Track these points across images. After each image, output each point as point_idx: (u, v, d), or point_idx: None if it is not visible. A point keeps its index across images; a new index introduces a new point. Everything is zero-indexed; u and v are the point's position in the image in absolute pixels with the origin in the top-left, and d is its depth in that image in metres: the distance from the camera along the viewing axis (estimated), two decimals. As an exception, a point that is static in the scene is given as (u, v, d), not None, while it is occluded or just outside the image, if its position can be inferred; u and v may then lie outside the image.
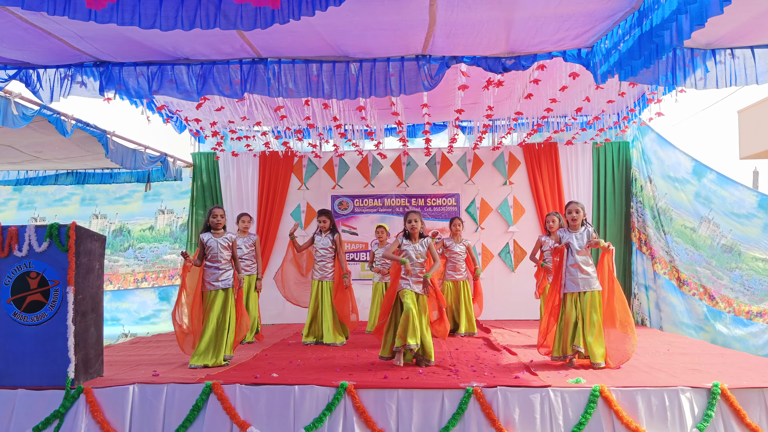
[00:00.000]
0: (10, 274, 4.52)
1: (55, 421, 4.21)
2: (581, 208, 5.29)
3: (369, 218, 9.51)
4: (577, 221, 5.23)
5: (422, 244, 5.40)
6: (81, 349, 4.50)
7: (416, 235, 5.41)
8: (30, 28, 4.54)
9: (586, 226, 5.28)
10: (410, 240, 5.40)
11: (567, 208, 5.33)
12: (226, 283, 5.48)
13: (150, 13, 3.73)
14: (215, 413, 4.18)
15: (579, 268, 5.14)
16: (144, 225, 9.78)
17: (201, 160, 9.64)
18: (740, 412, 4.06)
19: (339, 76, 5.34)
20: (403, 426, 4.14)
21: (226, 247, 5.53)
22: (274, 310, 9.26)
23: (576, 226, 5.25)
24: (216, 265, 5.47)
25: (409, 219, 5.38)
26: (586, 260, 5.18)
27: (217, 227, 5.56)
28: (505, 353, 5.95)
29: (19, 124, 5.58)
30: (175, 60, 5.33)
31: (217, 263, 5.47)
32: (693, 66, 5.03)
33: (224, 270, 5.49)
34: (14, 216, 9.58)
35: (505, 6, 4.29)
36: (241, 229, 7.11)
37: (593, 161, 9.34)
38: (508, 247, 9.44)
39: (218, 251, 5.48)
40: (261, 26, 3.69)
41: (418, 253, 5.36)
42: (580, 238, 5.21)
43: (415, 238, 5.41)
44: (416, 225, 5.38)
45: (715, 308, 7.46)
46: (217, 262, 5.47)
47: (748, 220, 7.09)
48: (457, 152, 9.52)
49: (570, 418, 4.09)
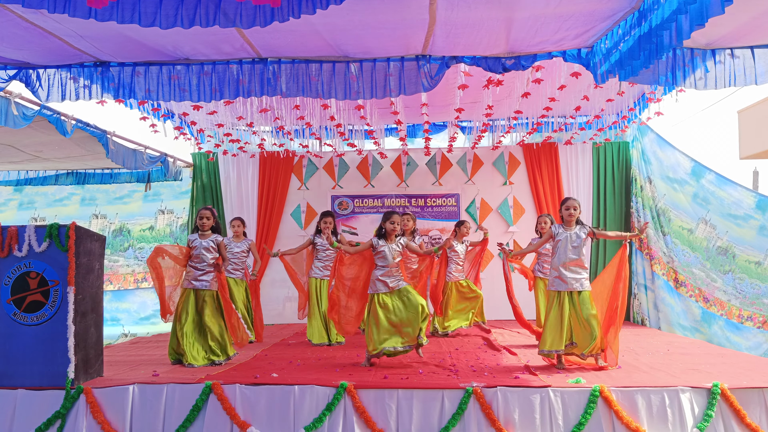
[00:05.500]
0: (10, 274, 4.52)
1: (57, 422, 4.21)
2: (578, 205, 5.23)
3: (369, 218, 9.50)
4: (573, 217, 5.16)
5: (398, 243, 5.36)
6: (81, 349, 4.50)
7: (393, 236, 5.35)
8: (30, 27, 4.54)
9: (581, 225, 5.20)
10: (386, 240, 5.35)
11: (566, 204, 5.23)
12: (203, 284, 5.46)
13: (150, 12, 3.73)
14: (215, 413, 4.18)
15: (569, 268, 5.06)
16: (144, 225, 9.78)
17: (201, 160, 9.64)
18: (740, 412, 4.06)
19: (339, 76, 5.33)
20: (403, 426, 4.14)
21: (209, 249, 5.51)
22: (274, 310, 9.28)
23: (571, 223, 5.19)
24: (196, 265, 5.48)
25: (392, 220, 5.28)
26: (580, 261, 5.09)
27: (202, 228, 5.56)
28: (505, 353, 5.95)
29: (20, 124, 5.58)
30: (176, 60, 5.33)
31: (198, 263, 5.48)
32: (693, 66, 5.02)
33: (203, 271, 5.47)
34: (14, 216, 9.59)
35: (505, 6, 4.29)
36: (235, 233, 7.04)
37: (593, 161, 9.34)
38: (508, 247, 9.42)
39: (200, 252, 5.48)
40: (260, 24, 3.69)
41: (395, 252, 5.31)
42: (575, 237, 5.12)
43: (392, 238, 5.36)
44: (397, 228, 5.32)
45: (710, 310, 7.46)
46: (198, 263, 5.48)
47: (744, 221, 7.08)
48: (457, 152, 9.52)
49: (570, 418, 4.09)
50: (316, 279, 6.78)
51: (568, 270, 5.07)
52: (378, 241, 5.34)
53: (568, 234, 5.15)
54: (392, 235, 5.35)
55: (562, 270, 5.09)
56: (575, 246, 5.11)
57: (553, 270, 5.19)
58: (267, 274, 9.27)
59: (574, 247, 5.11)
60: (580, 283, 5.06)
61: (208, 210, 5.65)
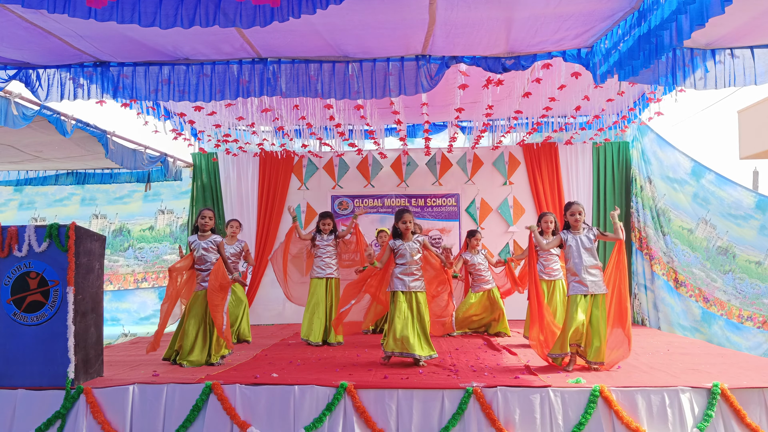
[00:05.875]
0: (10, 274, 4.52)
1: (57, 422, 4.22)
2: (583, 209, 5.24)
3: (369, 218, 9.50)
4: (579, 222, 5.17)
5: (415, 241, 5.42)
6: (81, 349, 4.50)
7: (409, 234, 5.42)
8: (30, 27, 4.54)
9: (588, 228, 5.22)
10: (402, 239, 5.42)
11: (570, 209, 5.21)
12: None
13: (150, 11, 3.73)
14: (215, 413, 4.18)
15: (588, 271, 5.04)
16: (144, 225, 9.78)
17: (201, 160, 9.64)
18: (740, 412, 4.06)
19: (338, 76, 5.33)
20: (403, 426, 4.14)
21: (208, 249, 5.53)
22: (274, 310, 9.27)
23: (578, 227, 5.20)
24: (200, 267, 5.51)
25: (404, 219, 5.39)
26: (594, 263, 5.08)
27: (204, 228, 5.58)
28: (505, 353, 5.95)
29: (20, 124, 5.58)
30: (175, 60, 5.33)
31: (201, 265, 5.50)
32: (693, 66, 5.02)
33: (208, 271, 5.47)
34: (15, 216, 9.59)
35: (505, 5, 4.29)
36: (229, 234, 7.01)
37: (593, 161, 9.34)
38: (508, 247, 9.44)
39: (201, 253, 5.50)
40: (260, 24, 3.69)
41: (413, 250, 5.38)
42: (586, 240, 5.12)
43: (408, 237, 5.42)
44: (410, 226, 5.41)
45: (710, 310, 7.46)
46: (201, 264, 5.50)
47: (744, 221, 7.07)
48: (457, 152, 9.53)
49: (570, 418, 4.09)
50: (317, 279, 6.78)
51: (587, 273, 5.06)
52: (395, 241, 5.44)
53: (578, 238, 5.15)
54: (407, 234, 5.41)
55: (582, 274, 5.06)
56: (588, 248, 5.11)
57: (571, 275, 5.16)
58: (267, 274, 9.26)
59: (587, 249, 5.10)
60: (598, 285, 5.05)
61: (210, 210, 5.68)
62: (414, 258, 5.36)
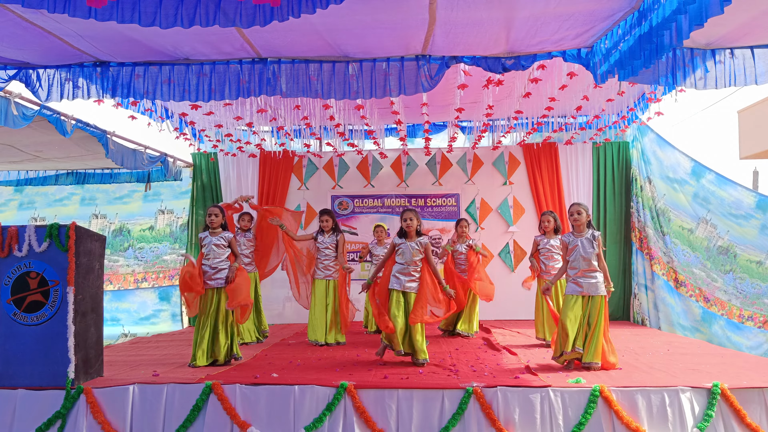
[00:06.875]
0: (10, 274, 4.52)
1: (58, 422, 4.21)
2: (584, 209, 5.19)
3: (369, 218, 9.50)
4: (579, 222, 5.16)
5: (418, 243, 5.41)
6: (81, 349, 4.50)
7: (412, 233, 5.42)
8: (30, 27, 4.54)
9: (591, 229, 5.20)
10: (406, 238, 5.42)
11: (569, 210, 5.26)
12: (217, 283, 5.47)
13: (150, 11, 3.73)
14: (215, 413, 4.18)
15: (584, 274, 5.08)
16: (144, 225, 9.78)
17: (201, 160, 9.64)
18: (740, 412, 4.05)
19: (338, 76, 5.33)
20: (403, 426, 4.14)
21: (220, 245, 5.54)
22: (275, 310, 9.28)
23: (580, 228, 5.19)
24: (209, 264, 5.50)
25: (405, 217, 5.43)
26: (592, 265, 5.08)
27: (212, 225, 5.59)
28: (505, 353, 5.95)
29: (20, 124, 5.58)
30: (175, 60, 5.33)
31: (210, 261, 5.50)
32: (693, 66, 5.02)
33: (216, 269, 5.48)
34: (15, 216, 9.59)
35: (505, 5, 4.29)
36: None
37: (593, 161, 9.35)
38: (508, 247, 9.44)
39: (211, 249, 5.51)
40: (260, 24, 3.69)
41: (414, 250, 5.36)
42: (588, 243, 5.12)
43: (412, 236, 5.41)
44: (411, 223, 5.41)
45: (710, 310, 7.46)
46: (210, 260, 5.50)
47: (745, 220, 7.07)
48: (457, 152, 9.53)
49: (570, 418, 4.09)
50: (318, 281, 6.78)
51: (584, 275, 5.09)
52: (398, 239, 5.47)
53: (580, 240, 5.15)
54: (410, 233, 5.42)
55: (578, 276, 5.11)
56: (587, 250, 5.10)
57: (568, 276, 5.23)
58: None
59: (586, 251, 5.10)
60: (595, 287, 5.07)
61: (216, 208, 5.69)
62: (414, 259, 5.36)
